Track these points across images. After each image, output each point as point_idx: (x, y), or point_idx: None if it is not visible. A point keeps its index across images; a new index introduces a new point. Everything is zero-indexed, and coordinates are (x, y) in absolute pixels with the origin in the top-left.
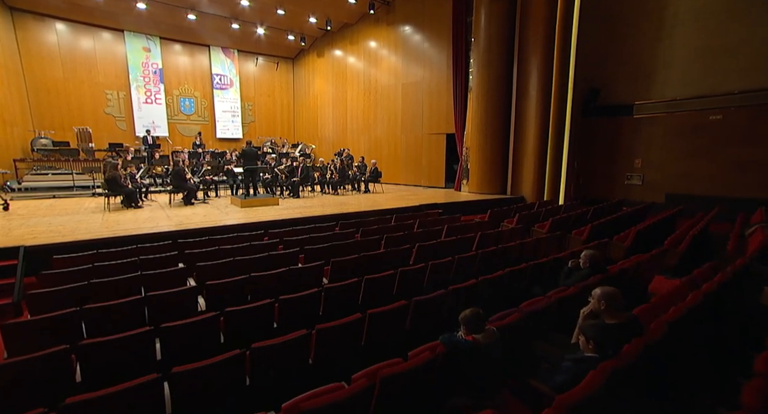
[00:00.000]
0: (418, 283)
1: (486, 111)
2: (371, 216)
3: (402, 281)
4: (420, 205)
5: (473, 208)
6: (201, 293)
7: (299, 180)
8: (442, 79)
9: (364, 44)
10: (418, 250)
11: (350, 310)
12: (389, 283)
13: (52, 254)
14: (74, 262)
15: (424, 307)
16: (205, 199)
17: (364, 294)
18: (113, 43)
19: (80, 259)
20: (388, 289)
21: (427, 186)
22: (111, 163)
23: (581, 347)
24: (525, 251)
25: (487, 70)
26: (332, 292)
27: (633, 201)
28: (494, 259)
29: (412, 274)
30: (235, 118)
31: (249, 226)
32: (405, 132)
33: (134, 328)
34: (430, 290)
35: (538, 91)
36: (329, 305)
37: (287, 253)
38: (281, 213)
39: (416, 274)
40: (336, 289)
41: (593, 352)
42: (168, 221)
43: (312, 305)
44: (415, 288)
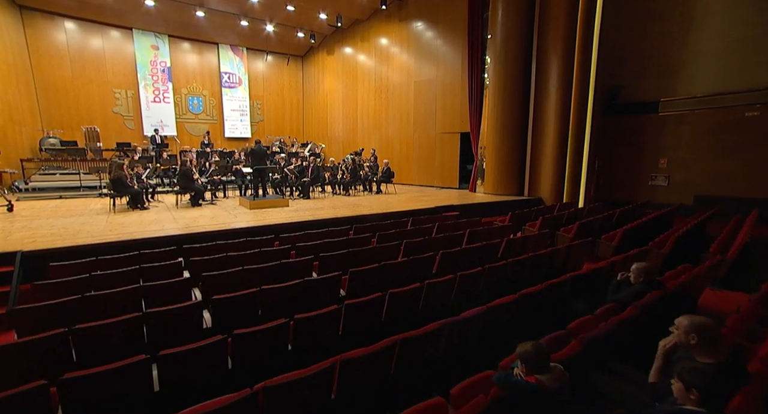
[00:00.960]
0: (446, 297)
1: (503, 109)
2: (386, 219)
3: (428, 295)
4: (436, 207)
5: (491, 209)
6: (207, 307)
7: (310, 180)
8: (456, 77)
9: (376, 41)
10: (441, 259)
11: (372, 329)
12: (414, 298)
13: (50, 260)
14: (71, 270)
15: (459, 329)
16: (212, 200)
17: (387, 310)
18: (122, 41)
19: (77, 267)
20: (413, 303)
21: (440, 186)
22: (116, 163)
23: (677, 396)
24: (555, 259)
25: (503, 66)
26: (353, 309)
27: (658, 203)
28: (524, 269)
29: (439, 288)
30: (243, 117)
31: (258, 229)
32: (417, 131)
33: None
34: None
35: (557, 89)
36: (349, 323)
37: (300, 262)
38: (292, 215)
39: (444, 287)
40: (357, 306)
41: (697, 406)
42: (174, 224)
43: (331, 324)
44: (444, 303)
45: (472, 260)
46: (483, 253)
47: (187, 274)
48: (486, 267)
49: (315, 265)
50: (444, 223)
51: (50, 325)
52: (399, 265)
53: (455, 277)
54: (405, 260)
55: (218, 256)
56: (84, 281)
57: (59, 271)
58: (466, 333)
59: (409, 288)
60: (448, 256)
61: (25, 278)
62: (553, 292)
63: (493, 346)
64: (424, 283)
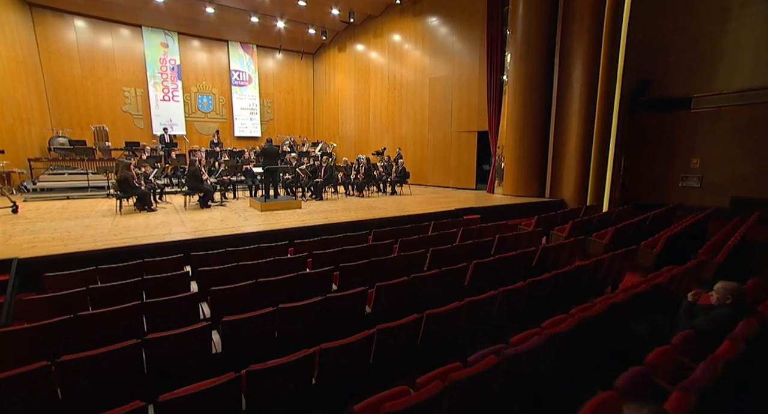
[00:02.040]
0: (487, 317)
1: (523, 107)
2: (406, 223)
3: (469, 315)
4: (456, 209)
5: (512, 212)
6: (216, 327)
7: (323, 181)
8: (474, 73)
9: (389, 37)
10: (474, 270)
11: (407, 356)
12: (453, 318)
13: (48, 268)
14: (67, 281)
15: (516, 367)
16: (222, 201)
17: (424, 331)
18: (131, 39)
19: (74, 279)
20: (451, 325)
21: (456, 187)
22: (123, 163)
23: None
24: (598, 271)
25: (524, 62)
26: (386, 335)
27: (690, 205)
28: (569, 285)
29: (481, 306)
30: (253, 116)
31: (271, 234)
32: (432, 130)
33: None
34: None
35: (582, 85)
36: (382, 351)
37: (319, 273)
38: (305, 218)
39: (485, 306)
40: (391, 331)
41: None
42: (182, 227)
43: (361, 353)
44: (485, 325)
45: (505, 272)
46: (516, 263)
47: (195, 286)
48: (530, 281)
49: (335, 276)
50: (468, 228)
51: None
52: (429, 279)
53: (497, 294)
54: (436, 272)
55: (229, 265)
56: (79, 296)
57: (55, 283)
58: (527, 373)
59: (449, 308)
60: (480, 268)
61: (23, 287)
62: (613, 315)
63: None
64: (464, 302)
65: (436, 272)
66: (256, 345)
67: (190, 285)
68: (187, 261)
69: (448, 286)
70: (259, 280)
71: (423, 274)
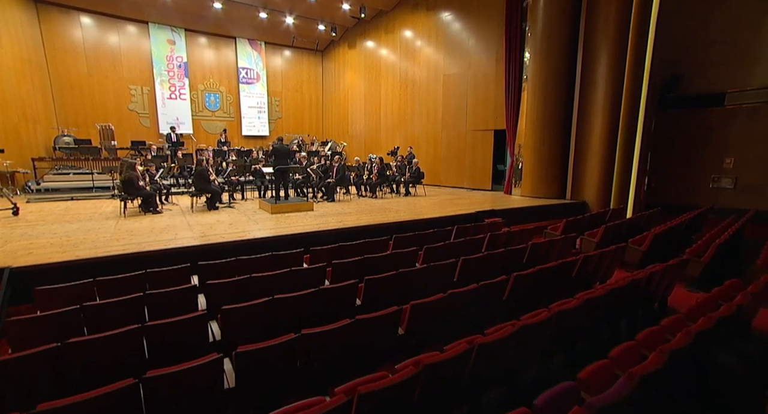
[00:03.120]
0: (543, 343)
1: (544, 104)
2: (425, 227)
3: (524, 343)
4: (477, 212)
5: (533, 215)
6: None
7: (335, 181)
8: (490, 70)
9: (401, 33)
10: (514, 283)
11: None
12: (507, 347)
13: (43, 278)
14: (59, 297)
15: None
16: (230, 203)
17: (474, 361)
18: (138, 36)
19: (67, 293)
20: (505, 354)
21: (470, 188)
22: (128, 163)
23: None
24: (650, 287)
25: (545, 58)
26: (435, 371)
27: (722, 207)
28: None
29: (538, 331)
30: (261, 115)
31: (283, 239)
32: (446, 128)
33: None
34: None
35: (607, 81)
36: (428, 389)
37: (342, 288)
38: (319, 222)
39: (540, 331)
40: (440, 366)
41: None
42: (188, 232)
43: (406, 394)
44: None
45: (549, 285)
46: (557, 276)
47: (203, 301)
48: (586, 299)
49: (359, 289)
50: (495, 234)
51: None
52: (466, 295)
53: (551, 316)
54: (474, 288)
55: (241, 278)
56: (71, 316)
57: (46, 297)
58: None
59: (502, 336)
60: (521, 281)
61: (16, 298)
62: (700, 344)
63: None
64: (518, 327)
65: (475, 288)
66: (275, 378)
67: (197, 300)
68: (194, 269)
69: (487, 302)
70: (275, 298)
71: (460, 291)
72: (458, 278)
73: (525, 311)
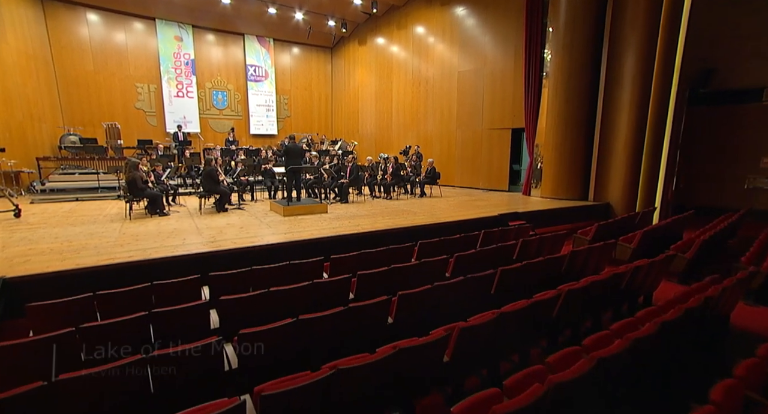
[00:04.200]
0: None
1: (566, 101)
2: (448, 231)
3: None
4: (500, 215)
5: (557, 217)
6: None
7: (348, 182)
8: (508, 66)
9: (413, 29)
10: (565, 299)
11: None
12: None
13: (40, 287)
14: (53, 314)
15: None
16: (240, 204)
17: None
18: (144, 33)
19: (64, 310)
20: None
21: (486, 189)
22: (132, 162)
23: None
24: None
25: (569, 52)
26: None
27: (760, 210)
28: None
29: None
30: (269, 113)
31: (298, 245)
32: (461, 127)
33: None
34: None
35: (634, 76)
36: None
37: (373, 306)
38: (335, 225)
39: (619, 363)
40: None
41: None
42: (197, 237)
43: None
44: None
45: (595, 302)
46: (609, 291)
47: (215, 317)
48: (663, 323)
49: (392, 304)
50: (527, 240)
51: None
52: (516, 315)
53: (635, 343)
54: (525, 306)
55: (257, 293)
56: (65, 342)
57: (39, 315)
58: None
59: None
60: (572, 297)
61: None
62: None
63: None
64: (595, 362)
65: (525, 306)
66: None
67: (209, 318)
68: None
69: (537, 321)
70: (300, 319)
71: (510, 310)
72: (495, 291)
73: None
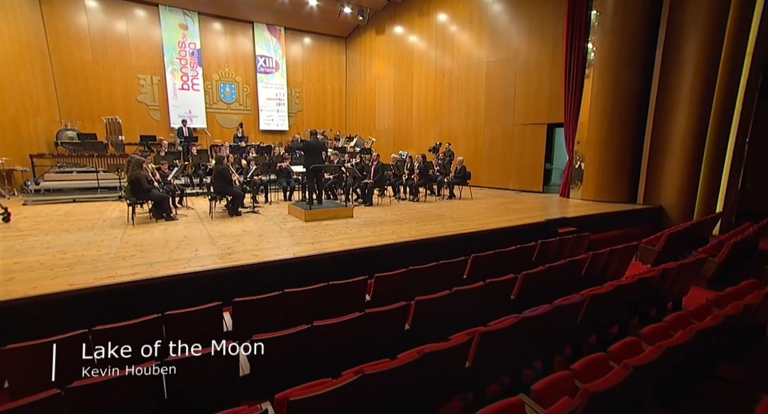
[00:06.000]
0: None
1: (613, 92)
2: (494, 239)
3: None
4: (547, 221)
5: (607, 222)
6: None
7: (373, 182)
8: (545, 54)
9: (436, 16)
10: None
11: None
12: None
13: (23, 315)
14: (35, 361)
15: None
16: (253, 207)
17: None
18: (147, 20)
19: (49, 354)
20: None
21: (518, 190)
22: (136, 160)
23: None
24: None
25: (618, 37)
26: None
27: None
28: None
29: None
30: (280, 107)
31: (328, 258)
32: (489, 122)
33: None
34: None
35: (698, 61)
36: None
37: (449, 351)
38: (366, 234)
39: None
40: None
41: None
42: (210, 247)
43: None
44: None
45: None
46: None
47: (246, 363)
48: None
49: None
50: (598, 253)
51: None
52: (649, 371)
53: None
54: (657, 359)
55: (298, 330)
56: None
57: (15, 361)
58: None
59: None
60: (599, 301)
61: None
62: None
63: None
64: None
65: (658, 359)
66: None
67: (238, 365)
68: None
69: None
70: (366, 374)
71: (646, 364)
72: (582, 321)
73: None
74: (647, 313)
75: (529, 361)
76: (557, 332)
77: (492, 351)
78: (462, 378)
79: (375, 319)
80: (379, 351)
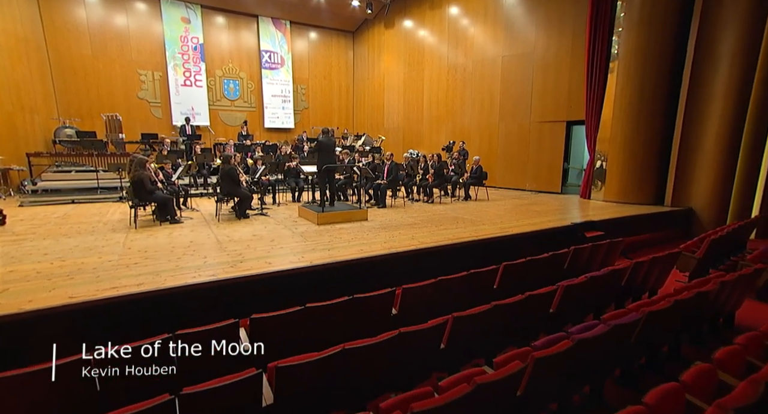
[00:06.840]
0: None
1: (640, 88)
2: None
3: None
4: (573, 224)
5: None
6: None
7: (387, 183)
8: (564, 47)
9: (448, 8)
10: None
11: None
12: None
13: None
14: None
15: None
16: (261, 209)
17: None
18: (148, 14)
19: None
20: None
21: (535, 190)
22: (138, 160)
23: None
24: None
25: (646, 29)
26: None
27: None
28: None
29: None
30: (286, 104)
31: (345, 267)
32: (504, 119)
33: None
34: None
35: (734, 54)
36: None
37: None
38: (384, 239)
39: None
40: None
41: None
42: (220, 254)
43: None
44: None
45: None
46: (692, 312)
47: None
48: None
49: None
50: (639, 263)
51: None
52: None
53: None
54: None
55: (327, 355)
56: None
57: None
58: None
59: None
60: (654, 318)
61: None
62: None
63: None
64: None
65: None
66: None
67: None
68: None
69: None
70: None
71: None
72: (636, 340)
73: None
74: (700, 330)
75: (580, 385)
76: (611, 354)
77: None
78: None
79: (410, 338)
80: (414, 374)
